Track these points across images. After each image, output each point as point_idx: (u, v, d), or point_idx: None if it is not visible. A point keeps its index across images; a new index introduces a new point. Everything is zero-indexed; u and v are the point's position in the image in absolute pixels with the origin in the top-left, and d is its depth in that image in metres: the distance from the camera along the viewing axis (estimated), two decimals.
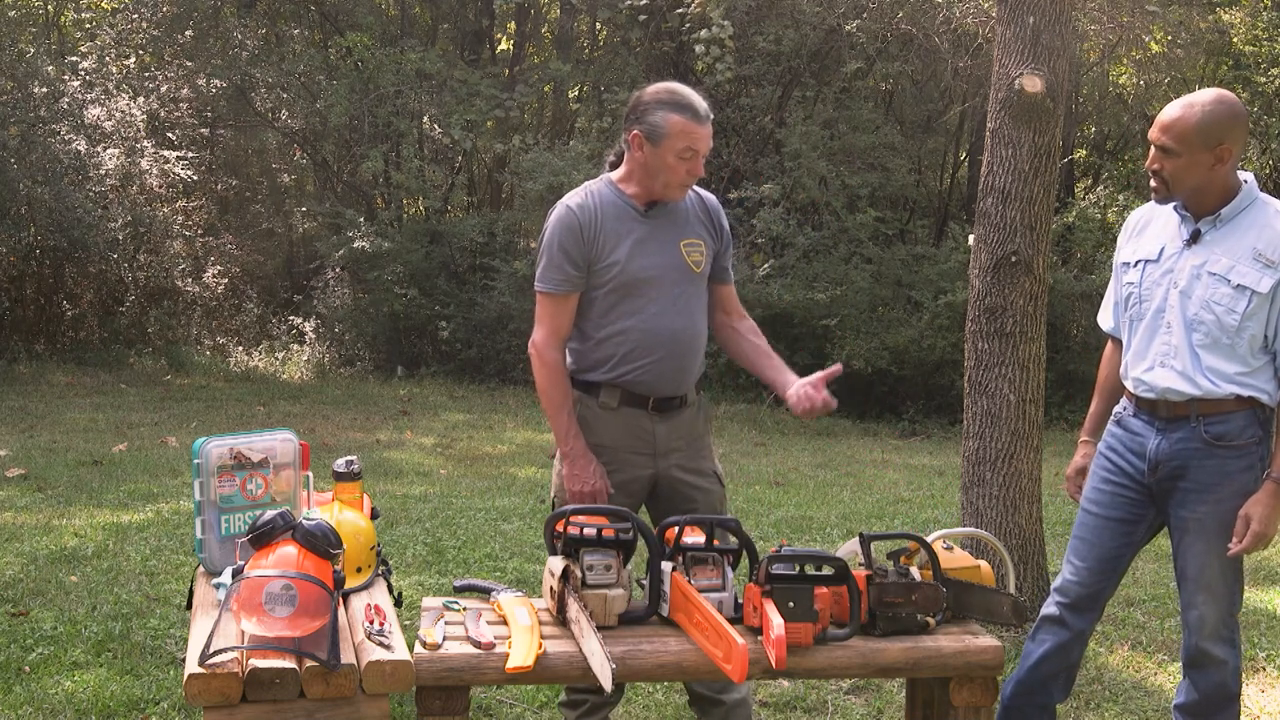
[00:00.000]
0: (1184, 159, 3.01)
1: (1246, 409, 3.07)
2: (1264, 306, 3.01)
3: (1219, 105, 3.02)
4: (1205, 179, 3.04)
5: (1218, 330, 3.04)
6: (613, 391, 3.20)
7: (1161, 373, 3.12)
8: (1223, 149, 3.00)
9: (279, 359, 13.99)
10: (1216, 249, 3.06)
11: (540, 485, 7.75)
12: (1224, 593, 3.14)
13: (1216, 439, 3.07)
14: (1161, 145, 3.04)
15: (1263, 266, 3.00)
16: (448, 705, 2.58)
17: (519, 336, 13.43)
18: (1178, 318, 3.10)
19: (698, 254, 3.27)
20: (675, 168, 3.13)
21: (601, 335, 3.21)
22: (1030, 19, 4.49)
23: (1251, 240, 3.03)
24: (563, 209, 3.22)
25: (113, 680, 3.98)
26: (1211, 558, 3.11)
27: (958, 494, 5.02)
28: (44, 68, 13.07)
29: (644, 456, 3.23)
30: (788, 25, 13.37)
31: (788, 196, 13.24)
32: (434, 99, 14.22)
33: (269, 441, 3.07)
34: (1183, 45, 12.51)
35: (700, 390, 3.37)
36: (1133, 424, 3.21)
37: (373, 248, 13.29)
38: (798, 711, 3.97)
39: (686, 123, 3.10)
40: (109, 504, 6.66)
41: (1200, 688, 3.20)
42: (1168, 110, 3.07)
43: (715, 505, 3.32)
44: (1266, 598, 5.32)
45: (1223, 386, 3.05)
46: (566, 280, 3.18)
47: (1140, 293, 3.18)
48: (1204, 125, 2.99)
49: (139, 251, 13.82)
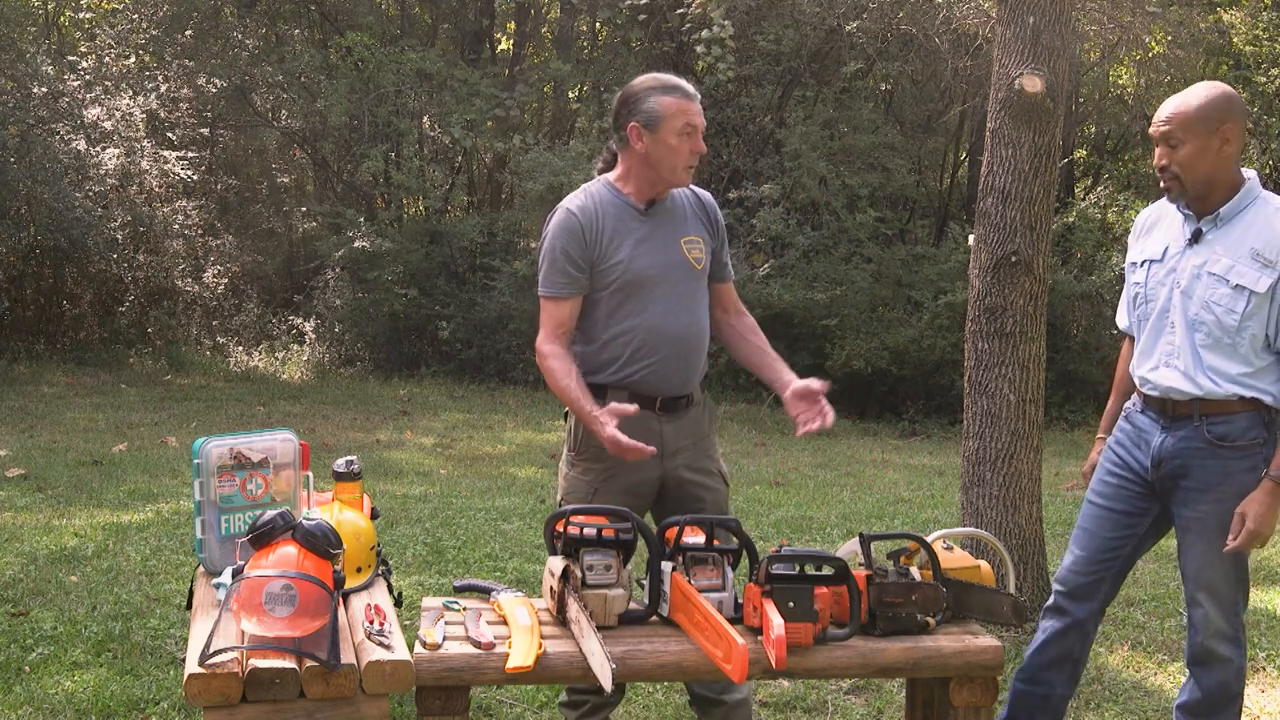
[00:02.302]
0: (1190, 146, 3.03)
1: (1251, 410, 3.07)
2: (1263, 306, 3.02)
3: (1214, 90, 3.07)
4: (1214, 165, 3.04)
5: (1218, 330, 3.05)
6: (620, 394, 3.19)
7: (1165, 372, 3.14)
8: (1226, 129, 3.02)
9: (279, 359, 13.99)
10: (1217, 248, 3.07)
11: (540, 485, 7.76)
12: (1226, 592, 3.15)
13: (1219, 439, 3.08)
14: (1165, 135, 3.06)
15: (1261, 266, 3.01)
16: (448, 705, 2.58)
17: (519, 336, 13.44)
18: (1180, 318, 3.11)
19: (698, 251, 3.28)
20: (678, 148, 3.13)
21: (607, 337, 3.21)
22: (1030, 19, 4.49)
23: (1250, 240, 3.04)
24: (563, 212, 3.22)
25: (113, 680, 3.98)
26: (1213, 556, 3.12)
27: (958, 494, 5.02)
28: (44, 68, 13.07)
29: (652, 458, 3.23)
30: (788, 25, 13.38)
31: (788, 196, 13.24)
32: (434, 99, 14.22)
33: (269, 441, 3.06)
34: (1183, 45, 12.51)
35: (705, 389, 3.38)
36: (1140, 420, 3.24)
37: (373, 248, 13.29)
38: (798, 711, 3.97)
39: (679, 100, 3.12)
40: (109, 504, 6.66)
41: (1203, 686, 3.21)
42: (1165, 105, 3.10)
43: (721, 505, 3.32)
44: (1266, 598, 5.32)
45: (1224, 387, 3.06)
46: (570, 283, 3.18)
47: (1146, 293, 3.21)
48: (1204, 109, 3.02)
49: (139, 251, 13.81)
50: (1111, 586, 3.35)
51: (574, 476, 3.28)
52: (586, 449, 3.23)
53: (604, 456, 3.17)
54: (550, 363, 3.16)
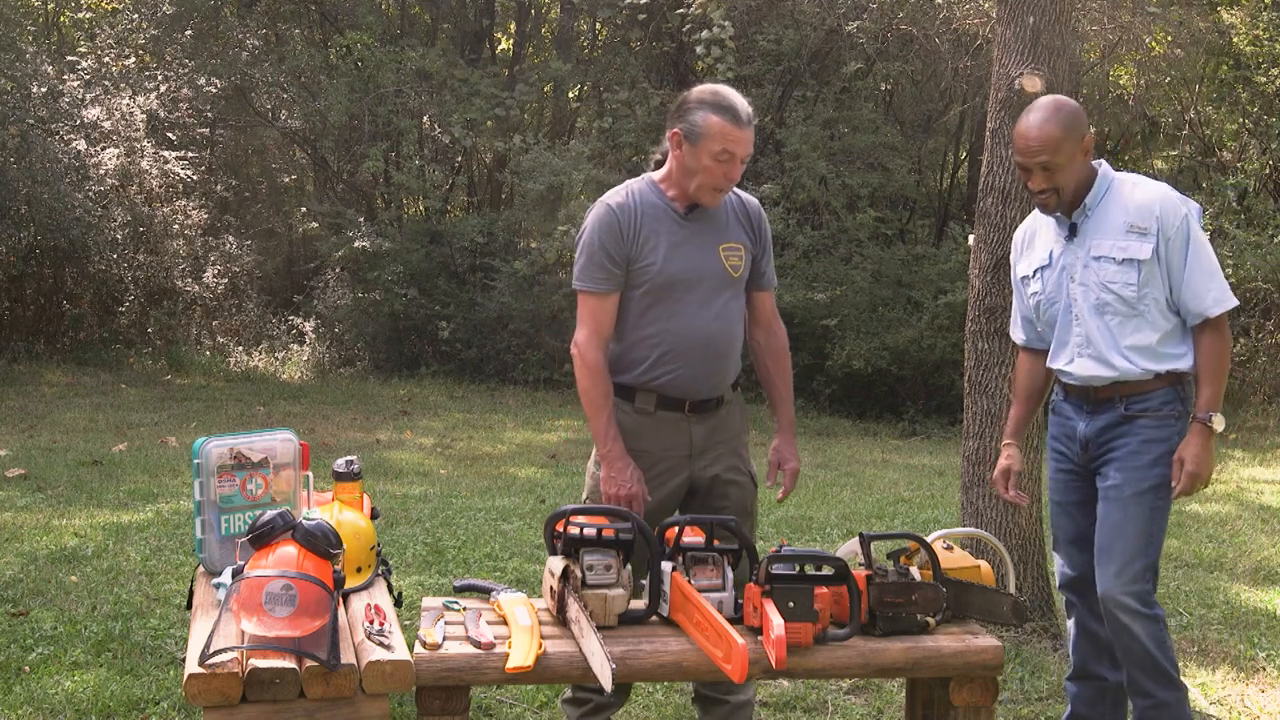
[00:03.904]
0: (1064, 165, 3.18)
1: (1167, 385, 3.22)
2: (1154, 271, 3.17)
3: (1064, 106, 3.22)
4: (1081, 170, 3.23)
5: (1123, 306, 3.19)
6: (649, 396, 3.18)
7: (1081, 362, 3.28)
8: (1087, 140, 3.22)
9: (279, 359, 13.98)
10: (1094, 235, 3.24)
11: (540, 485, 7.76)
12: (1133, 555, 3.19)
13: (1139, 414, 3.21)
14: (1044, 164, 3.18)
15: (1139, 235, 3.17)
16: (448, 705, 2.58)
17: (519, 336, 13.43)
18: (1084, 307, 3.26)
19: (736, 258, 3.26)
20: (711, 170, 3.11)
21: (636, 338, 3.21)
22: (1030, 19, 4.49)
23: (1121, 216, 3.21)
24: (603, 208, 3.21)
25: (113, 680, 3.98)
26: (1126, 525, 3.19)
27: (958, 494, 5.02)
28: (44, 68, 13.06)
29: (681, 460, 3.23)
30: (788, 25, 13.38)
31: (788, 196, 13.24)
32: (434, 98, 14.22)
33: (269, 441, 3.07)
34: (1183, 45, 12.52)
35: (737, 387, 3.37)
36: (1064, 409, 3.40)
37: (373, 248, 13.29)
38: (798, 711, 3.97)
39: (725, 125, 3.08)
40: (109, 504, 6.66)
41: (1123, 657, 3.24)
42: (1028, 134, 3.19)
43: (746, 505, 3.34)
44: (1266, 598, 5.31)
45: (1140, 365, 3.19)
46: (608, 278, 3.17)
47: (1046, 296, 3.36)
48: (1067, 128, 3.18)
49: (139, 251, 13.80)
50: None
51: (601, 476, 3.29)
52: None
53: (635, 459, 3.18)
54: (591, 382, 3.17)
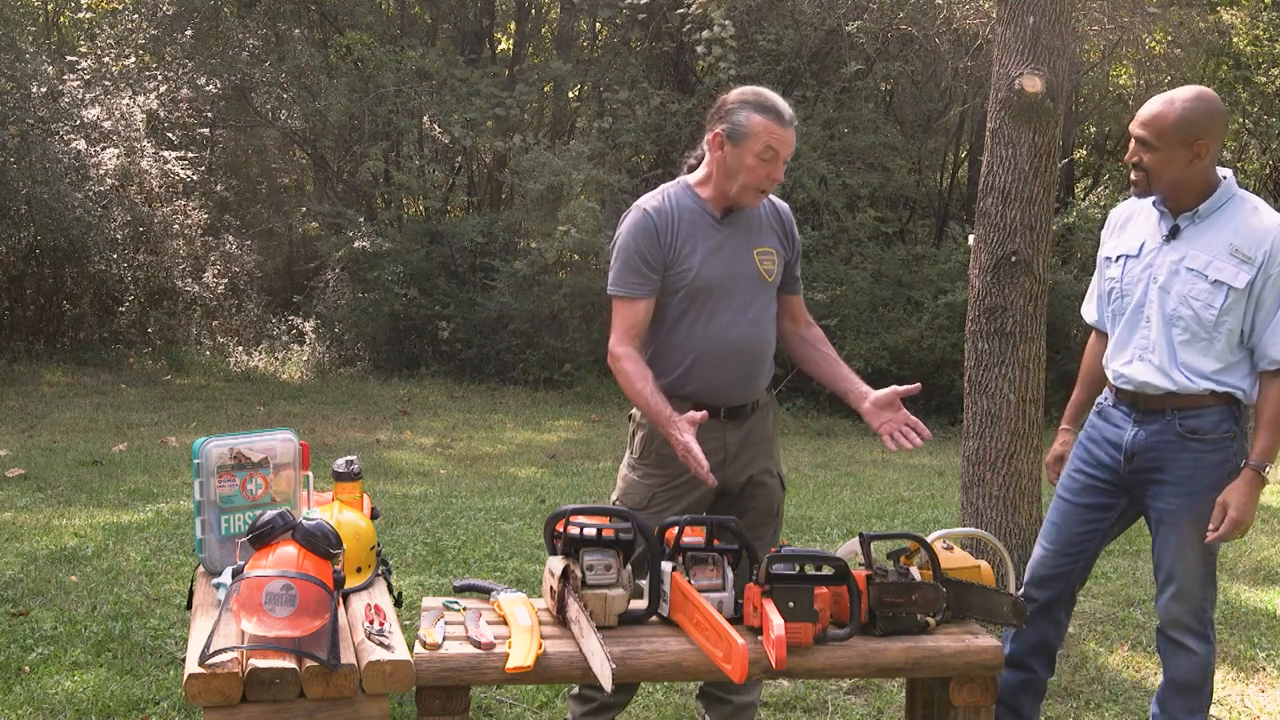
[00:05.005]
0: (1161, 153, 3.08)
1: (1222, 404, 3.13)
2: (1240, 302, 3.06)
3: (1198, 102, 3.08)
4: (1183, 174, 3.09)
5: (1196, 325, 3.10)
6: (682, 404, 3.16)
7: (1139, 366, 3.19)
8: (1199, 145, 3.06)
9: (279, 359, 13.98)
10: (1195, 245, 3.12)
11: (540, 485, 7.76)
12: (1195, 586, 3.19)
13: (1191, 433, 3.14)
14: (1140, 138, 3.12)
15: (1239, 262, 3.05)
16: (448, 705, 2.58)
17: (519, 336, 13.42)
18: (1157, 313, 3.16)
19: (770, 263, 3.26)
20: (755, 169, 3.10)
21: (670, 343, 3.20)
22: (1030, 19, 4.49)
23: (1229, 236, 3.08)
24: (639, 212, 3.20)
25: (113, 680, 3.98)
26: (1185, 550, 3.17)
27: (958, 494, 5.02)
28: (44, 68, 13.06)
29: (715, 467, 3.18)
30: (788, 25, 13.37)
31: (788, 196, 13.23)
32: (434, 98, 14.21)
33: (269, 441, 3.07)
34: (1183, 45, 12.51)
35: (770, 390, 3.37)
36: (1112, 414, 3.30)
37: (373, 248, 13.28)
38: (798, 711, 3.97)
39: (769, 123, 3.09)
40: (109, 504, 6.66)
41: (1170, 676, 3.26)
42: (1149, 105, 3.13)
43: (772, 506, 3.33)
44: (1266, 598, 5.31)
45: (1198, 383, 3.11)
46: (644, 283, 3.16)
47: (1122, 287, 3.26)
48: (1181, 122, 3.05)
49: (139, 251, 13.79)
50: (1080, 574, 3.42)
51: (634, 480, 3.29)
52: (649, 455, 3.24)
53: (667, 464, 3.17)
54: (625, 365, 3.14)
